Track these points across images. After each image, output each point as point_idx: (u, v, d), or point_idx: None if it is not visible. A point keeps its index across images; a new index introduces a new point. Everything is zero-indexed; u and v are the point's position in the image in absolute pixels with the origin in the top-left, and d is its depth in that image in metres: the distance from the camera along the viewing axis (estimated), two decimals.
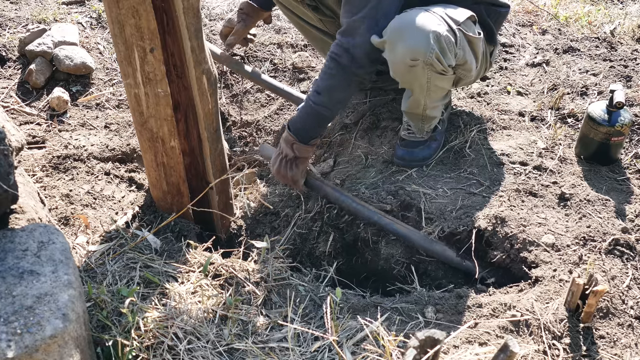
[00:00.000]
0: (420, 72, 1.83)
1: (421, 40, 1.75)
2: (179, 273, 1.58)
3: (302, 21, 2.32)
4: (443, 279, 1.86)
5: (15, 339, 1.02)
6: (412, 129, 2.10)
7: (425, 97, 1.95)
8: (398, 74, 1.89)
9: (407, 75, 1.86)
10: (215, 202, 1.94)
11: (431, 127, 2.10)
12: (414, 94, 1.96)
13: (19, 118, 2.39)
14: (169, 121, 1.70)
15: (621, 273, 1.63)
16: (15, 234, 1.23)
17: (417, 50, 1.76)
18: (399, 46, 1.78)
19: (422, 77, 1.86)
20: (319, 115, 1.94)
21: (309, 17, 2.25)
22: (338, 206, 1.99)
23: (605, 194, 1.91)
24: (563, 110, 2.35)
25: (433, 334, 1.01)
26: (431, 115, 2.05)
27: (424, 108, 2.01)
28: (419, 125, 2.08)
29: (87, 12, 3.15)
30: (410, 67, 1.82)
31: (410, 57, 1.78)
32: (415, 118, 2.07)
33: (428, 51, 1.76)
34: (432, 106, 2.01)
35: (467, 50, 1.90)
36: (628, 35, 2.94)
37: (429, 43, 1.75)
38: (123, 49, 1.56)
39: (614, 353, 1.43)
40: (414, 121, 2.08)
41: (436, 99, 2.00)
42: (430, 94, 1.94)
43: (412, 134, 2.11)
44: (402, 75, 1.89)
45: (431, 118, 2.07)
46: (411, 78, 1.88)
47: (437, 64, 1.80)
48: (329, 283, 1.76)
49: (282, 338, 1.44)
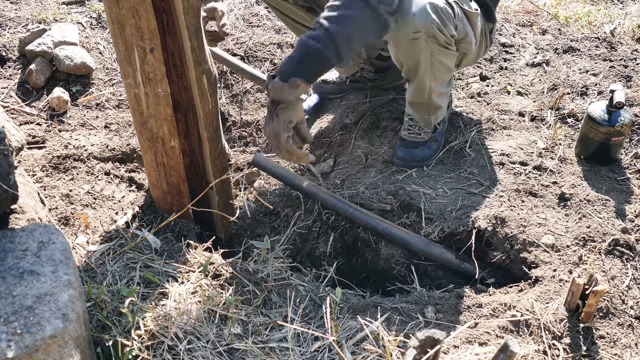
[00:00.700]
0: (424, 44, 1.83)
1: (420, 12, 1.76)
2: (179, 273, 1.58)
3: (296, 23, 2.31)
4: (443, 279, 1.86)
5: (15, 339, 1.02)
6: (418, 123, 2.09)
7: (430, 76, 1.93)
8: (401, 49, 1.87)
9: (411, 49, 1.85)
10: (215, 202, 1.94)
11: (437, 119, 2.09)
12: (419, 74, 1.92)
13: (19, 118, 2.39)
14: (169, 121, 1.70)
15: (621, 273, 1.63)
16: (15, 234, 1.23)
17: (418, 22, 1.77)
18: (399, 20, 1.77)
19: (426, 51, 1.85)
20: (306, 46, 1.65)
21: (303, 19, 2.24)
22: (335, 212, 1.99)
23: (605, 194, 1.91)
24: (563, 110, 2.35)
25: (433, 334, 1.01)
26: (437, 104, 2.04)
27: (429, 93, 1.98)
28: (424, 118, 2.07)
29: (87, 12, 3.15)
30: (413, 41, 1.81)
31: (412, 29, 1.78)
32: (421, 108, 2.05)
33: (428, 22, 1.77)
34: (437, 91, 2.00)
35: (465, 23, 1.90)
36: (628, 35, 2.94)
37: (428, 14, 1.76)
38: (123, 49, 1.56)
39: (614, 353, 1.43)
40: (419, 112, 2.07)
41: (441, 81, 1.98)
42: (435, 73, 1.92)
43: (412, 134, 2.11)
44: (405, 50, 1.87)
45: (437, 107, 2.05)
46: (415, 52, 1.86)
47: (440, 35, 1.81)
48: (329, 283, 1.76)
49: (282, 338, 1.44)
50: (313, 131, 2.51)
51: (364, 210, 1.94)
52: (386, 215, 1.96)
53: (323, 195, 2.00)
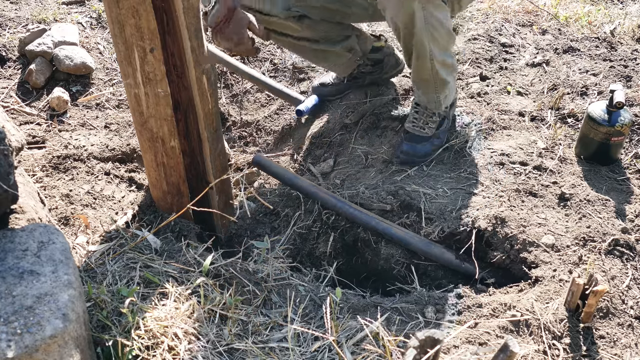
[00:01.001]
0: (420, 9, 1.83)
1: None
2: (179, 273, 1.58)
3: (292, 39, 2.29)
4: (443, 279, 1.86)
5: (15, 339, 1.02)
6: (426, 110, 2.09)
7: (428, 38, 1.91)
8: (392, 6, 1.87)
9: (402, 8, 1.84)
10: (215, 202, 1.94)
11: (447, 100, 2.09)
12: (416, 35, 1.90)
13: (19, 118, 2.39)
14: (169, 121, 1.70)
15: (621, 273, 1.63)
16: (15, 234, 1.23)
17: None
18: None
19: (418, 7, 1.83)
20: None
21: (296, 31, 2.24)
22: (335, 212, 1.99)
23: (605, 194, 1.91)
24: (563, 110, 2.35)
25: (433, 334, 1.01)
26: (442, 77, 2.02)
27: (431, 60, 1.96)
28: (433, 98, 2.06)
29: (87, 12, 3.15)
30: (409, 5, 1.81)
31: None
32: (427, 85, 2.04)
33: None
34: (440, 59, 1.98)
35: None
36: (628, 35, 2.94)
37: None
38: (123, 49, 1.56)
39: (614, 353, 1.43)
40: (427, 93, 2.06)
41: (442, 48, 1.96)
42: (433, 33, 1.90)
43: (417, 128, 2.12)
44: (396, 9, 1.86)
45: (443, 82, 2.04)
46: (406, 10, 1.84)
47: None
48: (329, 283, 1.76)
49: (282, 338, 1.44)
50: (313, 131, 2.51)
51: (364, 210, 1.94)
52: (386, 215, 1.96)
53: (323, 195, 2.00)
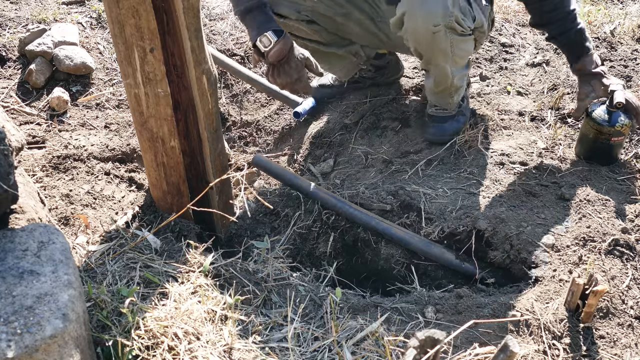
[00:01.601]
0: (443, 37, 1.90)
1: (439, 5, 1.83)
2: (179, 273, 1.58)
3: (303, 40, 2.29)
4: (443, 279, 1.86)
5: (15, 339, 1.02)
6: (441, 107, 2.14)
7: (451, 64, 2.00)
8: (421, 43, 1.94)
9: (431, 43, 1.92)
10: (215, 202, 1.94)
11: (460, 97, 2.15)
12: (439, 64, 1.99)
13: (19, 118, 2.39)
14: (169, 121, 1.70)
15: (621, 273, 1.63)
16: (15, 234, 1.23)
17: (436, 14, 1.84)
18: (418, 13, 1.85)
19: (445, 42, 1.91)
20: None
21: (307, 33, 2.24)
22: (335, 212, 2.00)
23: (605, 194, 1.91)
24: (563, 110, 2.35)
25: (433, 334, 1.01)
26: (457, 85, 2.10)
27: (451, 77, 2.05)
28: (448, 100, 2.13)
29: (87, 12, 3.15)
30: (433, 34, 1.88)
31: (433, 22, 1.85)
32: (444, 94, 2.11)
33: (447, 15, 1.84)
34: (458, 75, 2.07)
35: (480, 14, 1.99)
36: (628, 35, 2.94)
37: (447, 7, 1.84)
38: (123, 49, 1.56)
39: (614, 353, 1.43)
40: (443, 98, 2.12)
41: (461, 65, 2.05)
42: (456, 60, 1.99)
43: (439, 110, 2.16)
44: (425, 44, 1.93)
45: (457, 88, 2.11)
46: (435, 45, 1.92)
47: (458, 27, 1.88)
48: (329, 283, 1.76)
49: (282, 338, 1.44)
50: (313, 131, 2.51)
51: (364, 210, 1.94)
52: (386, 215, 1.96)
53: (323, 196, 2.00)
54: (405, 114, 2.39)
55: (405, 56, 2.79)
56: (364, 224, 1.93)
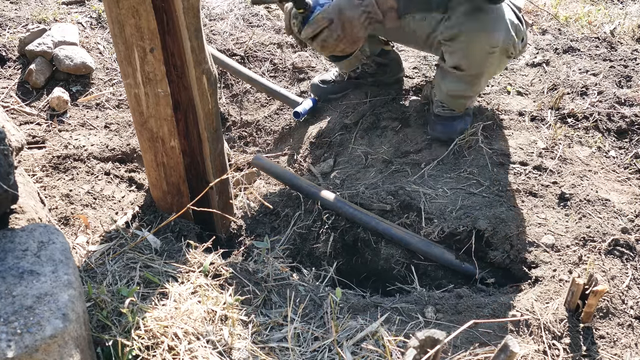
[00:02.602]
0: (497, 58, 1.95)
1: (502, 28, 1.88)
2: (179, 273, 1.58)
3: None
4: (443, 279, 1.86)
5: (15, 339, 1.02)
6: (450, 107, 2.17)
7: (489, 79, 2.10)
8: (471, 61, 1.97)
9: (484, 62, 1.96)
10: (215, 202, 1.94)
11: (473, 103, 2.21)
12: (480, 80, 2.04)
13: (19, 118, 2.39)
14: (169, 121, 1.70)
15: (621, 273, 1.63)
16: (15, 234, 1.23)
17: (499, 38, 1.88)
18: (480, 35, 1.88)
19: (496, 62, 1.98)
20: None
21: None
22: (335, 212, 2.00)
23: (605, 194, 1.91)
24: (563, 110, 2.35)
25: (433, 334, 1.01)
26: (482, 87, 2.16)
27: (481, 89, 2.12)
28: (460, 103, 2.16)
29: (87, 12, 3.15)
30: (489, 54, 1.92)
31: (492, 44, 1.89)
32: (460, 98, 2.13)
33: (508, 38, 1.89)
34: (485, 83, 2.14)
35: (526, 34, 2.04)
36: (628, 35, 2.94)
37: (509, 31, 1.88)
38: (123, 49, 1.56)
39: (614, 353, 1.43)
40: (456, 101, 2.14)
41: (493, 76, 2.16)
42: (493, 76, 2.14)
43: (446, 110, 2.18)
44: (476, 62, 1.97)
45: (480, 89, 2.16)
46: (486, 64, 1.97)
47: (511, 49, 1.94)
48: (329, 283, 1.76)
49: (282, 338, 1.44)
50: (313, 131, 2.51)
51: (364, 210, 1.94)
52: (386, 215, 1.96)
53: (323, 196, 2.00)
54: (405, 114, 2.39)
55: (405, 56, 2.79)
56: (363, 224, 1.93)
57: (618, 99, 2.37)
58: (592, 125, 2.26)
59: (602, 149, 2.17)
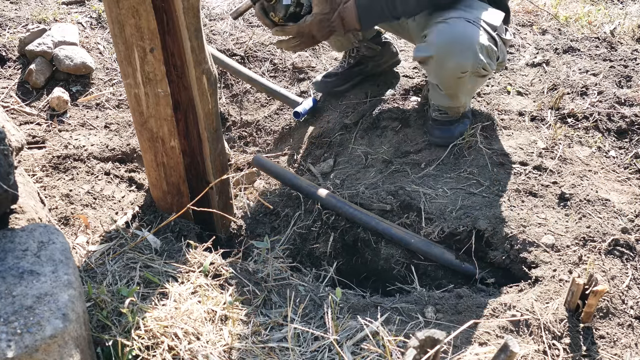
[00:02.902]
0: (468, 80, 1.97)
1: (469, 55, 1.88)
2: (179, 273, 1.58)
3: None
4: (443, 279, 1.86)
5: (15, 339, 1.02)
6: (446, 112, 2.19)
7: (468, 96, 2.11)
8: (445, 84, 2.02)
9: (455, 84, 2.00)
10: (215, 202, 1.94)
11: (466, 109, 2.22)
12: (458, 98, 2.08)
13: (19, 118, 2.39)
14: (169, 121, 1.70)
15: (621, 273, 1.63)
16: (15, 234, 1.23)
17: (466, 64, 1.90)
18: (448, 62, 1.90)
19: (469, 84, 2.01)
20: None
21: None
22: (335, 212, 2.00)
23: (605, 194, 1.91)
24: (563, 110, 2.35)
25: (433, 334, 1.01)
26: (468, 103, 2.19)
27: (464, 103, 2.14)
28: (455, 110, 2.18)
29: (87, 12, 3.15)
30: (459, 79, 1.95)
31: (461, 70, 1.91)
32: (452, 108, 2.17)
33: (476, 63, 1.90)
34: (469, 98, 2.17)
35: (503, 50, 2.05)
36: (628, 35, 2.94)
37: (477, 56, 1.89)
38: (123, 49, 1.56)
39: (614, 353, 1.43)
40: (450, 108, 2.17)
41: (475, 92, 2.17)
42: (473, 93, 2.15)
43: (445, 115, 2.19)
44: (449, 85, 2.02)
45: (465, 103, 2.19)
46: (459, 86, 2.01)
47: (483, 71, 1.95)
48: (329, 283, 1.76)
49: (282, 338, 1.44)
50: (313, 131, 2.51)
51: (364, 210, 1.94)
52: (386, 215, 1.96)
53: (323, 196, 2.00)
54: (405, 114, 2.39)
55: (405, 56, 2.79)
56: (363, 224, 1.93)
57: (618, 99, 2.37)
58: (592, 125, 2.26)
59: (602, 149, 2.17)
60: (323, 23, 2.02)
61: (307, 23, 2.03)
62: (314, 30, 2.04)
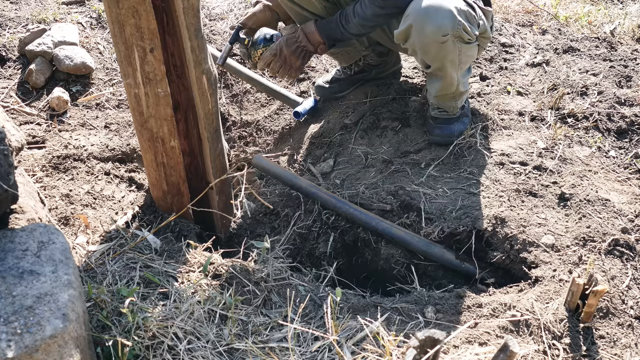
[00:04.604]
0: (451, 46, 1.95)
1: (447, 15, 1.89)
2: (179, 273, 1.58)
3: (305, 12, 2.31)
4: (443, 279, 1.86)
5: (15, 339, 1.02)
6: (444, 109, 2.19)
7: (457, 70, 2.06)
8: (430, 53, 1.99)
9: (440, 52, 1.97)
10: (215, 202, 1.94)
11: (463, 101, 2.21)
12: (447, 72, 2.05)
13: (19, 118, 2.39)
14: (169, 121, 1.70)
15: (621, 273, 1.63)
16: (15, 234, 1.23)
17: (446, 25, 1.89)
18: (427, 26, 1.90)
19: (454, 51, 1.98)
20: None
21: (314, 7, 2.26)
22: (335, 213, 2.00)
23: (605, 194, 1.91)
24: (563, 110, 2.35)
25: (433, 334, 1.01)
26: (462, 90, 2.16)
27: (457, 84, 2.11)
28: (451, 104, 2.17)
29: (87, 12, 3.15)
30: (442, 44, 1.93)
31: (441, 33, 1.90)
32: (448, 98, 2.16)
33: (456, 24, 1.89)
34: (463, 80, 2.14)
35: (484, 19, 2.06)
36: (628, 35, 2.94)
37: (454, 17, 1.89)
38: (123, 49, 1.56)
39: (614, 353, 1.43)
40: (446, 102, 2.17)
41: (465, 71, 2.13)
42: (462, 66, 2.07)
43: (443, 112, 2.19)
44: (434, 54, 1.98)
45: (462, 93, 2.17)
46: (443, 54, 1.98)
47: (465, 35, 1.94)
48: (329, 283, 1.76)
49: (282, 338, 1.44)
50: (313, 131, 2.51)
51: (364, 210, 1.95)
52: (386, 215, 1.96)
53: (323, 196, 2.00)
54: (405, 114, 2.39)
55: (405, 56, 2.79)
56: (363, 224, 1.93)
57: (618, 99, 2.37)
58: (592, 125, 2.26)
59: (602, 149, 2.17)
60: (290, 41, 2.20)
61: (278, 43, 2.23)
62: (285, 50, 2.21)
